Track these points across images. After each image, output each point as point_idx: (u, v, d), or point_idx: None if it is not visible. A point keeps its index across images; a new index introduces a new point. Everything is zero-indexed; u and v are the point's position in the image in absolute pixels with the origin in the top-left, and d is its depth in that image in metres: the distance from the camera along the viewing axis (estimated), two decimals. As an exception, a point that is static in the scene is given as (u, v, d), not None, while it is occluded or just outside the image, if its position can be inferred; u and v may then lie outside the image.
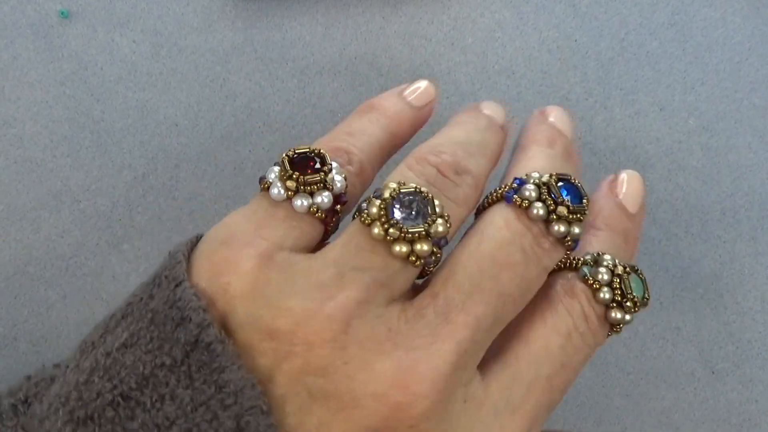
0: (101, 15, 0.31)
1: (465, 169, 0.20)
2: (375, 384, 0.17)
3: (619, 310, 0.20)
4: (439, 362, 0.17)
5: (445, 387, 0.17)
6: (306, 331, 0.17)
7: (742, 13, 0.31)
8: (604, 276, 0.20)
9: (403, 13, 0.31)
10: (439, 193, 0.19)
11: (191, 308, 0.17)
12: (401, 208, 0.18)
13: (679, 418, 0.32)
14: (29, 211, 0.32)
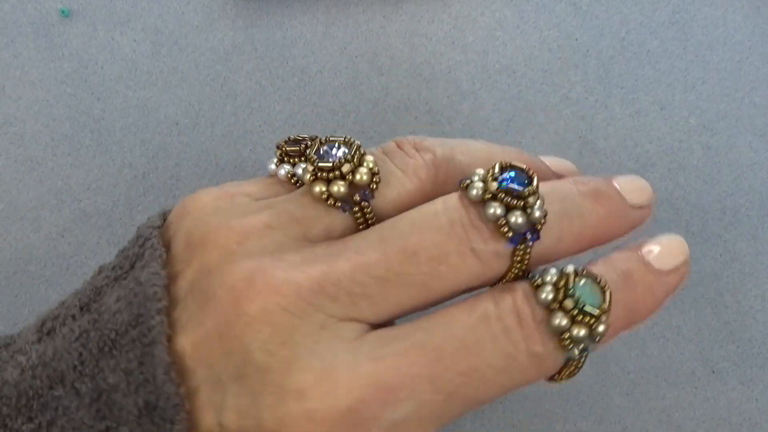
0: (102, 14, 0.31)
1: (426, 147, 0.20)
2: (231, 279, 0.17)
3: (563, 317, 0.17)
4: (301, 277, 0.17)
5: (292, 301, 0.17)
6: (209, 240, 0.18)
7: (742, 12, 0.31)
8: (551, 277, 0.18)
9: (403, 12, 0.31)
10: (385, 158, 0.19)
11: (147, 227, 0.20)
12: (323, 151, 0.18)
13: (679, 417, 0.32)
14: (30, 210, 0.32)
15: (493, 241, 0.18)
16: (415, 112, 0.31)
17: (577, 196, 0.20)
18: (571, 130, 0.31)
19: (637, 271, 0.20)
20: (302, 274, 0.17)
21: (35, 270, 0.32)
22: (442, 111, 0.32)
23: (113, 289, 0.19)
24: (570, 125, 0.31)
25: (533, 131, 0.32)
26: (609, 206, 0.20)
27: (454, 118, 0.31)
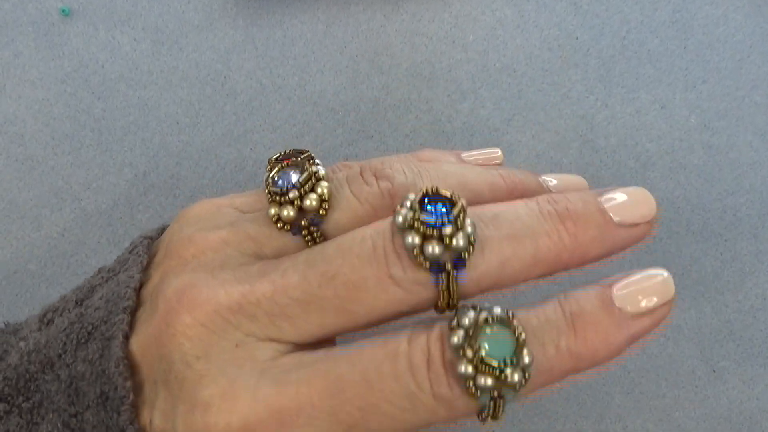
0: (102, 13, 0.31)
1: (386, 176, 0.20)
2: (169, 290, 0.19)
3: (467, 364, 0.16)
4: (222, 295, 0.18)
5: (211, 318, 0.18)
6: (173, 249, 0.20)
7: (743, 11, 0.31)
8: (466, 320, 0.17)
9: (404, 11, 0.31)
10: (343, 183, 0.20)
11: (140, 237, 0.22)
12: (278, 177, 0.19)
13: (679, 416, 0.32)
14: (30, 209, 0.32)
15: (412, 270, 0.18)
16: (415, 111, 0.31)
17: (536, 217, 0.19)
18: (571, 129, 0.31)
19: (591, 312, 0.18)
20: (223, 293, 0.18)
21: (36, 269, 0.32)
22: (442, 110, 0.32)
23: (102, 288, 0.21)
24: (570, 124, 0.31)
25: (534, 130, 0.32)
26: (579, 227, 0.19)
27: (455, 117, 0.31)
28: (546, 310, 0.18)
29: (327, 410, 0.17)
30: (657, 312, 0.19)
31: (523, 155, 0.32)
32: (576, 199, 0.19)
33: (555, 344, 0.18)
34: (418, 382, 0.17)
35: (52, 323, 0.20)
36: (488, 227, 0.18)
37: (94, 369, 0.19)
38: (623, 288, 0.19)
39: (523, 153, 0.32)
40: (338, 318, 0.18)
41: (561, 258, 0.19)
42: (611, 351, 0.18)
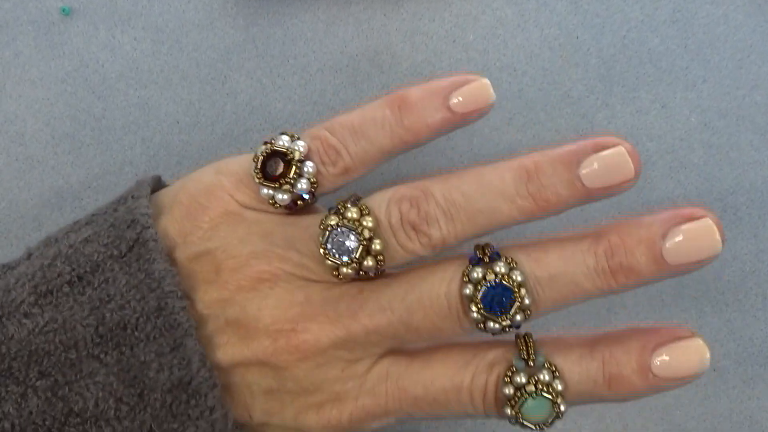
0: (102, 12, 0.31)
1: (425, 232, 0.22)
2: (271, 328, 0.22)
3: (511, 412, 0.22)
4: (324, 338, 0.22)
5: (319, 355, 0.22)
6: (242, 277, 0.23)
7: (743, 11, 0.31)
8: (519, 380, 0.22)
9: (404, 10, 0.31)
10: (392, 236, 0.23)
11: (141, 214, 0.23)
12: (334, 239, 0.22)
13: (680, 415, 0.32)
14: (30, 209, 0.32)
15: (474, 328, 0.22)
16: (416, 111, 0.31)
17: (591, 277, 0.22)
18: (572, 129, 0.31)
19: (628, 377, 0.22)
20: (324, 338, 0.22)
21: (36, 268, 0.32)
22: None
23: (115, 271, 0.23)
24: (571, 123, 0.31)
25: (534, 129, 0.32)
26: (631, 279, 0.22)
27: (455, 117, 0.31)
28: (589, 367, 0.22)
29: (405, 413, 0.23)
30: (688, 380, 0.22)
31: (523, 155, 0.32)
32: (636, 251, 0.21)
33: (589, 396, 0.22)
34: (475, 408, 0.23)
35: (52, 297, 0.22)
36: (544, 291, 0.22)
37: (165, 360, 0.22)
38: (662, 356, 0.21)
39: (523, 152, 0.32)
40: (421, 344, 0.23)
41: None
42: (635, 398, 0.22)
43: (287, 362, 0.22)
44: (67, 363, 0.22)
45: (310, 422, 0.23)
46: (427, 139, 0.23)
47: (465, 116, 0.23)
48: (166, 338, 0.22)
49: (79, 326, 0.22)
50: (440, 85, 0.23)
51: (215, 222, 0.23)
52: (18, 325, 0.22)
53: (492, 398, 0.22)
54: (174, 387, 0.22)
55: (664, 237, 0.21)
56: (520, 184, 0.22)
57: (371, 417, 0.23)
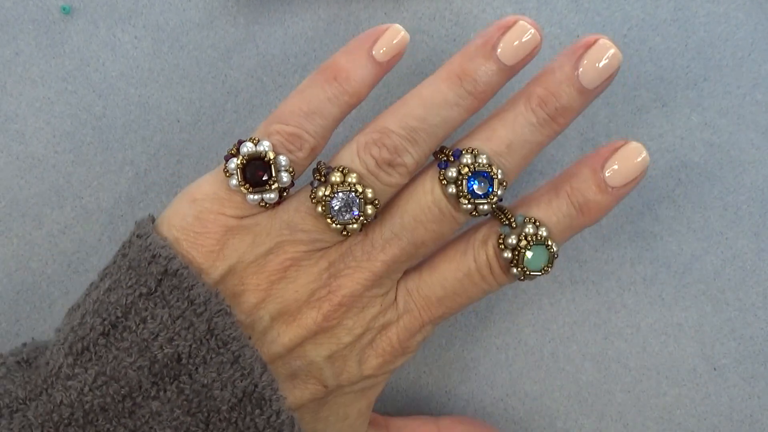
0: (103, 11, 0.31)
1: (400, 163, 0.25)
2: (312, 299, 0.25)
3: (518, 271, 0.25)
4: (357, 286, 0.25)
5: (358, 300, 0.25)
6: (270, 274, 0.25)
7: (744, 9, 0.31)
8: (511, 241, 0.25)
9: (405, 9, 0.31)
10: (375, 179, 0.25)
11: (159, 247, 0.24)
12: (339, 207, 0.24)
13: (680, 414, 0.32)
14: (31, 207, 0.32)
15: (469, 218, 0.25)
16: (416, 109, 0.31)
17: (534, 130, 0.25)
18: (572, 127, 0.31)
19: (593, 199, 0.25)
20: (357, 285, 0.25)
21: (37, 267, 0.32)
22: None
23: (150, 308, 0.23)
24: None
25: (535, 128, 0.32)
26: (567, 116, 0.25)
27: (456, 115, 0.31)
28: (560, 206, 0.25)
29: (441, 315, 0.26)
30: (641, 176, 0.25)
31: (524, 153, 0.32)
32: (561, 92, 0.24)
33: (570, 227, 0.25)
34: (489, 283, 0.26)
35: (89, 353, 0.23)
36: (507, 159, 0.25)
37: (227, 376, 0.23)
38: (611, 166, 0.25)
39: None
40: (430, 253, 0.26)
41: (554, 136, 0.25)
42: (608, 210, 0.25)
43: (338, 319, 0.25)
44: (125, 412, 0.22)
45: (371, 363, 0.26)
46: (368, 93, 0.26)
47: (391, 62, 0.26)
48: (224, 355, 0.23)
49: (130, 372, 0.22)
50: (361, 42, 0.25)
51: (221, 242, 0.25)
52: (64, 390, 0.22)
53: (497, 268, 0.25)
54: (239, 401, 0.23)
55: (576, 69, 0.24)
56: (456, 88, 0.25)
57: (413, 332, 0.26)
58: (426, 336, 0.27)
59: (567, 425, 0.32)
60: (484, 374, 0.32)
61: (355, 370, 0.26)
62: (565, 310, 0.32)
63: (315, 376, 0.25)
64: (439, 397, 0.32)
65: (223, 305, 0.23)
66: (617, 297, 0.32)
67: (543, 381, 0.32)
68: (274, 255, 0.25)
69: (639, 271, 0.32)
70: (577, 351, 0.32)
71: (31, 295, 0.32)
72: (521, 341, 0.32)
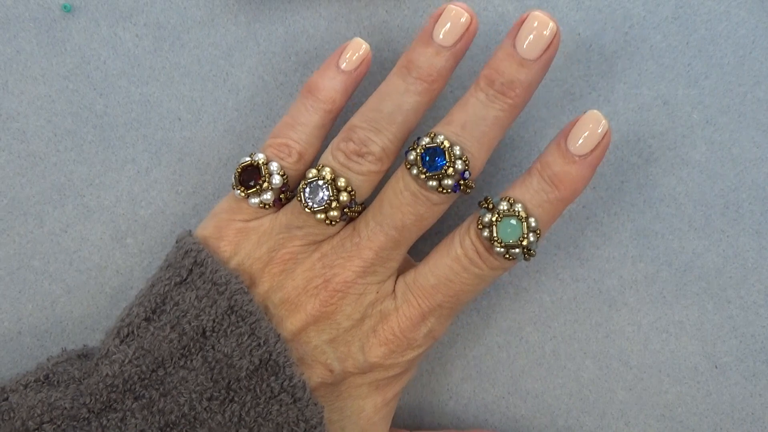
0: (104, 9, 0.31)
1: (367, 151, 0.27)
2: (309, 287, 0.27)
3: (500, 248, 0.26)
4: (349, 273, 0.27)
5: (353, 287, 0.27)
6: (272, 267, 0.28)
7: (746, 7, 0.31)
8: (487, 219, 0.26)
9: (406, 7, 0.31)
10: (347, 170, 0.27)
11: (191, 243, 0.28)
12: (309, 194, 0.27)
13: (682, 412, 0.32)
14: (33, 206, 0.32)
15: (441, 195, 0.27)
16: (417, 107, 0.31)
17: (486, 106, 0.27)
18: (573, 125, 0.31)
19: (562, 170, 0.26)
20: (349, 272, 0.27)
21: (39, 265, 0.32)
22: (444, 106, 0.32)
23: (182, 293, 0.27)
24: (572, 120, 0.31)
25: (535, 126, 0.32)
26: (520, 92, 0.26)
27: (457, 113, 0.31)
28: (532, 182, 0.27)
29: (439, 305, 0.27)
30: (604, 141, 0.26)
31: (525, 151, 0.32)
32: (503, 68, 0.26)
33: (547, 201, 0.27)
34: (479, 267, 0.27)
35: (134, 335, 0.27)
36: (465, 138, 0.26)
37: (245, 346, 0.26)
38: (574, 139, 0.26)
39: (524, 149, 0.32)
40: (415, 238, 0.28)
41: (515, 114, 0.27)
42: (584, 182, 0.27)
43: (334, 305, 0.27)
44: (157, 380, 0.26)
45: (376, 351, 0.27)
46: (343, 101, 0.29)
47: (359, 70, 0.29)
48: (242, 328, 0.26)
49: (163, 345, 0.26)
50: (330, 59, 0.29)
51: (233, 242, 0.28)
52: (109, 364, 0.26)
53: (482, 249, 0.27)
54: (256, 368, 0.26)
55: (515, 45, 0.26)
56: (405, 76, 0.27)
57: (414, 321, 0.27)
58: (432, 330, 0.28)
59: (568, 423, 0.32)
60: (485, 372, 0.32)
61: (360, 356, 0.27)
62: (567, 308, 0.32)
63: (320, 360, 0.27)
64: (440, 395, 0.32)
65: (242, 285, 0.27)
66: (618, 295, 0.32)
67: (544, 379, 0.32)
68: (275, 251, 0.28)
69: (640, 269, 0.32)
70: (578, 349, 0.32)
71: (33, 294, 0.32)
72: (522, 339, 0.32)
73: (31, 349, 0.32)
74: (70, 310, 0.32)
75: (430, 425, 0.33)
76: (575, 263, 0.32)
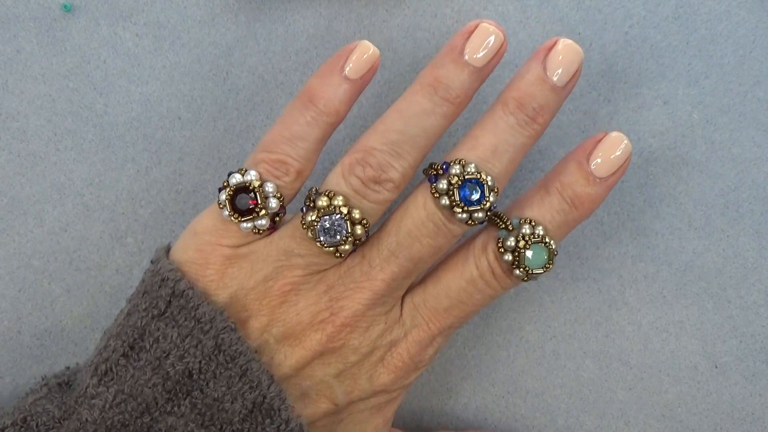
0: (104, 8, 0.31)
1: (386, 179, 0.25)
2: (314, 321, 0.25)
3: (521, 272, 0.25)
4: (358, 306, 0.25)
5: (361, 320, 0.25)
6: (270, 299, 0.25)
7: (746, 7, 0.31)
8: (510, 243, 0.25)
9: (406, 6, 0.31)
10: (362, 199, 0.25)
11: (168, 271, 0.25)
12: (324, 232, 0.24)
13: (682, 412, 0.32)
14: (33, 205, 0.32)
15: (464, 227, 0.26)
16: (417, 107, 0.31)
17: (517, 132, 0.25)
18: (573, 125, 0.31)
19: (583, 192, 0.26)
20: (359, 305, 0.25)
21: (39, 264, 0.32)
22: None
23: (162, 329, 0.25)
24: (573, 120, 0.31)
25: (536, 126, 0.32)
26: (547, 116, 0.26)
27: (457, 113, 0.31)
28: (552, 203, 0.26)
29: (449, 326, 0.26)
30: (626, 164, 0.26)
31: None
32: (535, 92, 0.25)
33: (565, 222, 0.26)
34: (494, 288, 0.26)
35: (113, 374, 0.24)
36: (494, 165, 0.25)
37: (236, 389, 0.24)
38: (598, 162, 0.26)
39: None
40: (426, 269, 0.26)
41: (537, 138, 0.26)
42: (601, 202, 0.26)
43: (342, 340, 0.25)
44: (144, 428, 0.24)
45: (383, 379, 0.26)
46: (347, 111, 0.26)
47: (365, 78, 0.26)
48: (232, 369, 0.24)
49: (146, 389, 0.24)
50: (332, 63, 0.26)
51: (220, 271, 0.26)
52: (89, 408, 0.24)
53: (500, 271, 0.26)
54: (249, 413, 0.24)
55: (546, 70, 0.25)
56: (431, 96, 0.25)
57: (424, 345, 0.26)
58: (438, 349, 0.27)
59: (568, 422, 0.32)
60: (485, 371, 0.32)
61: (367, 386, 0.26)
62: (567, 308, 0.32)
63: (325, 394, 0.26)
64: (440, 395, 0.32)
65: (228, 322, 0.24)
66: (618, 294, 0.32)
67: (544, 378, 0.32)
68: (273, 281, 0.25)
69: (640, 269, 0.32)
70: (578, 348, 0.32)
71: (33, 293, 0.32)
72: (522, 339, 0.32)
73: (31, 349, 0.32)
74: (69, 309, 0.32)
75: (430, 425, 0.33)
76: (575, 262, 0.32)
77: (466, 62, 0.25)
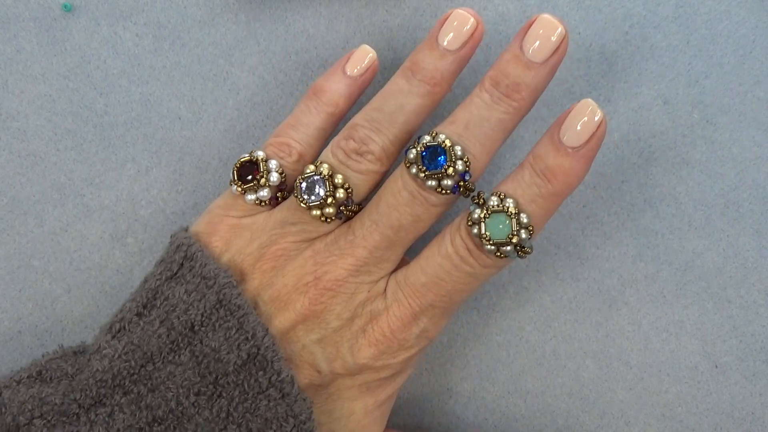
0: (104, 8, 0.31)
1: (367, 150, 0.27)
2: (299, 284, 0.27)
3: (490, 245, 0.25)
4: (341, 271, 0.27)
5: (344, 285, 0.27)
6: (262, 263, 0.27)
7: (746, 6, 0.31)
8: (475, 215, 0.26)
9: (406, 6, 0.31)
10: (346, 168, 0.27)
11: (183, 238, 0.28)
12: (306, 189, 0.27)
13: (682, 412, 0.32)
14: (33, 205, 0.32)
15: (438, 196, 0.26)
16: (417, 107, 0.31)
17: (490, 107, 0.26)
18: (574, 125, 0.31)
19: (554, 163, 0.25)
20: (341, 270, 0.27)
21: (39, 264, 0.32)
22: (444, 105, 0.32)
23: (172, 287, 0.27)
24: (573, 120, 0.31)
25: (536, 125, 0.32)
26: (524, 93, 0.26)
27: (457, 113, 0.31)
28: (524, 176, 0.26)
29: (431, 304, 0.27)
30: (599, 132, 0.26)
31: (525, 151, 0.32)
32: (509, 70, 0.26)
33: (540, 195, 0.26)
34: (470, 265, 0.26)
35: (125, 330, 0.26)
36: (468, 138, 0.26)
37: (233, 340, 0.26)
38: (567, 130, 0.26)
39: (524, 149, 0.32)
40: (411, 240, 0.27)
41: (521, 116, 0.27)
42: (578, 175, 0.26)
43: (324, 304, 0.27)
44: (146, 375, 0.26)
45: (365, 352, 0.27)
46: (346, 106, 0.29)
47: (365, 77, 0.29)
48: (230, 322, 0.26)
49: (153, 339, 0.26)
50: (336, 64, 0.30)
51: (225, 238, 0.28)
52: (100, 359, 0.26)
53: (473, 247, 0.26)
54: (244, 363, 0.26)
55: (522, 48, 0.26)
56: (409, 78, 0.27)
57: (405, 321, 0.27)
58: (424, 332, 0.27)
59: (568, 422, 0.32)
60: (485, 371, 0.32)
61: (348, 357, 0.27)
62: (567, 308, 0.32)
63: (308, 360, 0.27)
64: (440, 394, 0.32)
65: (230, 278, 0.26)
66: (618, 294, 0.32)
67: (544, 378, 0.32)
68: (267, 247, 0.28)
69: (640, 269, 0.32)
70: (578, 348, 0.32)
71: (33, 293, 0.32)
72: (523, 338, 0.32)
73: (31, 349, 0.32)
74: (70, 309, 0.32)
75: (430, 425, 0.33)
76: (575, 263, 0.32)
77: (440, 46, 0.27)
